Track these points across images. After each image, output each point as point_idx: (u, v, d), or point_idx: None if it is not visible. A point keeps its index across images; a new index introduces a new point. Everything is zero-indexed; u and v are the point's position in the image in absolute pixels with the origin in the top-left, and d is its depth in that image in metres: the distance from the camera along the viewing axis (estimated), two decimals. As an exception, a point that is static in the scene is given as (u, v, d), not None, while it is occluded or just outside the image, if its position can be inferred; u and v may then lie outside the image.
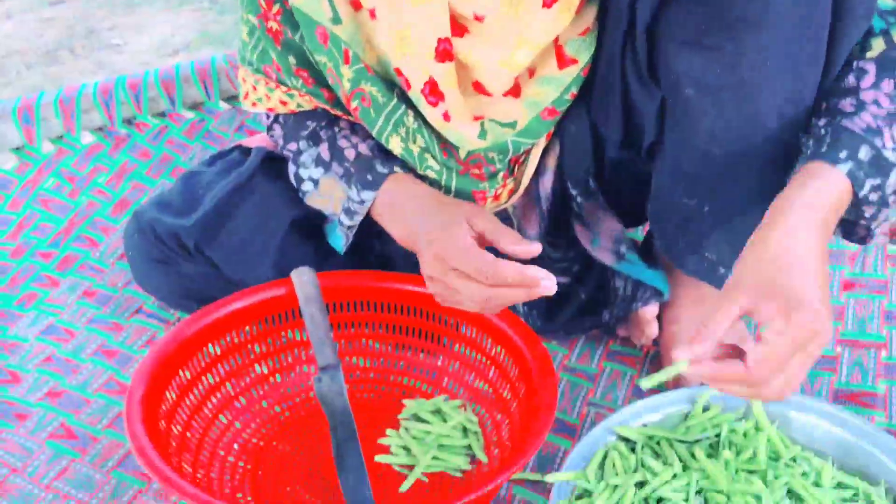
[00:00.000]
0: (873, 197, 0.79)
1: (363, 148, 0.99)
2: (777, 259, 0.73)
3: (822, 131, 0.80)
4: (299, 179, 1.03)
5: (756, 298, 0.72)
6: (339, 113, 1.00)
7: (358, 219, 0.99)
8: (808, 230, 0.74)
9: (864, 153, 0.78)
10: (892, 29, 0.83)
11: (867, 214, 0.82)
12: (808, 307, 0.70)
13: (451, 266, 0.83)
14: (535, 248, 0.83)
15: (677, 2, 0.83)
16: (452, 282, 0.84)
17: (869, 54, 0.83)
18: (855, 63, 0.83)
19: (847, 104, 0.81)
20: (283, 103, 1.01)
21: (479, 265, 0.81)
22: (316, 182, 1.02)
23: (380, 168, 0.97)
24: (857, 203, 0.80)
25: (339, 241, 1.03)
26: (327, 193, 1.01)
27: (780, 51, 0.81)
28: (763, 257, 0.74)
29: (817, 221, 0.75)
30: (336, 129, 1.01)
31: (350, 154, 0.99)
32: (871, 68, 0.82)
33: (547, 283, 0.80)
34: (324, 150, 1.01)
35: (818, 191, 0.76)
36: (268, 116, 1.08)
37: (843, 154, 0.78)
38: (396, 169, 0.97)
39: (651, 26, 0.86)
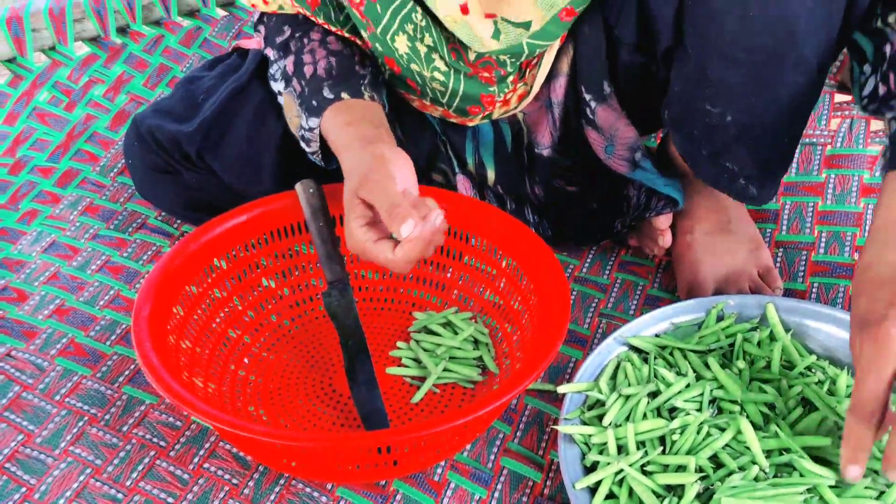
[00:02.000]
0: None
1: (321, 66, 0.92)
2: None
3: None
4: (273, 92, 0.98)
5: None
6: (320, 21, 0.94)
7: (314, 146, 0.93)
8: None
9: None
10: None
11: None
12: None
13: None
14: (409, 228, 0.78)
15: None
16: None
17: None
18: None
19: None
20: (265, 1, 0.96)
21: (357, 251, 0.83)
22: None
23: (326, 93, 0.90)
24: None
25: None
26: (288, 112, 0.95)
27: None
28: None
29: None
30: (306, 41, 0.95)
31: (308, 71, 0.93)
32: None
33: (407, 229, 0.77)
34: (290, 64, 0.95)
35: None
36: (260, 19, 1.03)
37: None
38: (344, 96, 0.90)
39: None
